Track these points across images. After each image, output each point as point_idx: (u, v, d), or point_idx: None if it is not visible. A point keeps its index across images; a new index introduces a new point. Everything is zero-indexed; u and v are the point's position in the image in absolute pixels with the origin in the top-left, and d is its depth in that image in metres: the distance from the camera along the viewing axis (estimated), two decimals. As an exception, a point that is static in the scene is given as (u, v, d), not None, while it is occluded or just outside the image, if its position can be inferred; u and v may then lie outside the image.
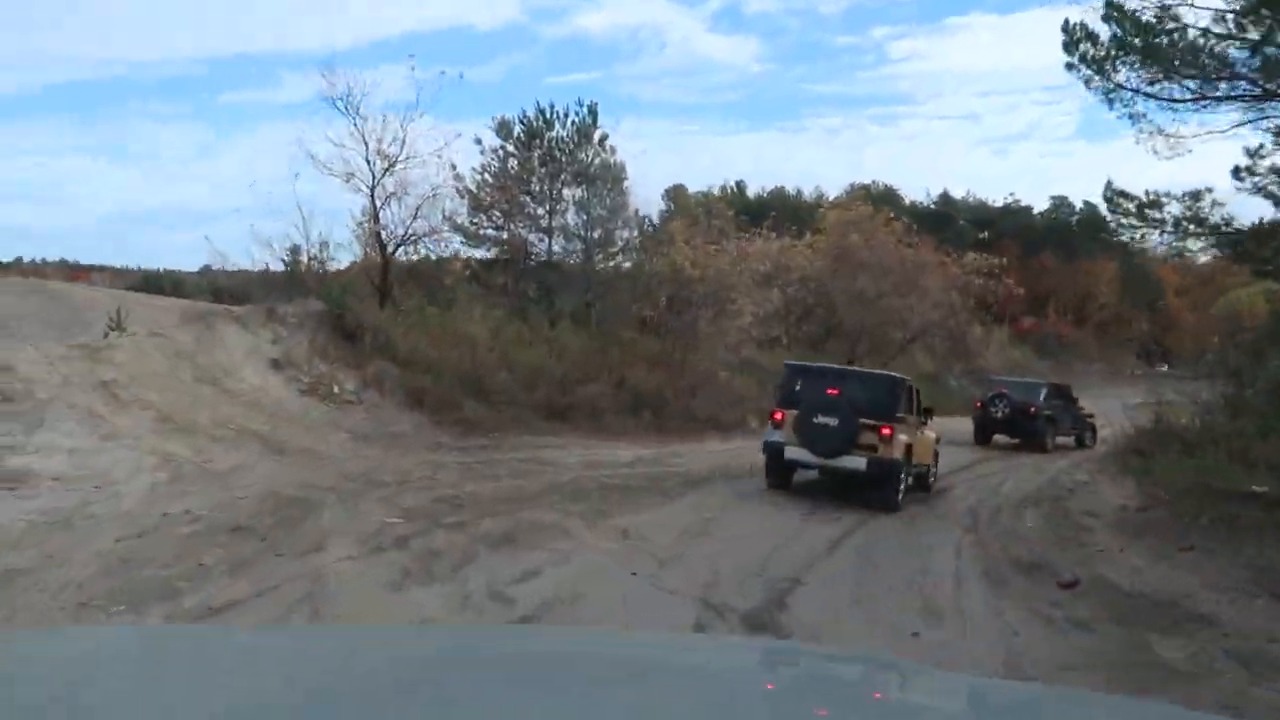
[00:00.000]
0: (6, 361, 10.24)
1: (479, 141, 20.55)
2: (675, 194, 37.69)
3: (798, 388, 10.93)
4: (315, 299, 14.28)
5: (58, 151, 54.96)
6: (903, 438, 10.56)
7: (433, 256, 17.08)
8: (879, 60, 65.63)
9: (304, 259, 15.60)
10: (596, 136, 21.23)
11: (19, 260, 34.89)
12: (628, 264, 21.55)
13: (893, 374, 12.10)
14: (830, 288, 30.51)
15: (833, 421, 10.20)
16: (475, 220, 20.02)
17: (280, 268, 15.79)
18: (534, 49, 54.06)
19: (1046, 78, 76.13)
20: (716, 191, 41.13)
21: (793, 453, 10.53)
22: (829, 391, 10.61)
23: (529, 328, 16.85)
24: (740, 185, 50.51)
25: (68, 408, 9.69)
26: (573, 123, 21.13)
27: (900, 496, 10.60)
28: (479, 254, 20.70)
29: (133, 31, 57.12)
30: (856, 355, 33.55)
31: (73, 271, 38.07)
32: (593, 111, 21.30)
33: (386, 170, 15.67)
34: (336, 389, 12.92)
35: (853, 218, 32.50)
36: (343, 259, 16.72)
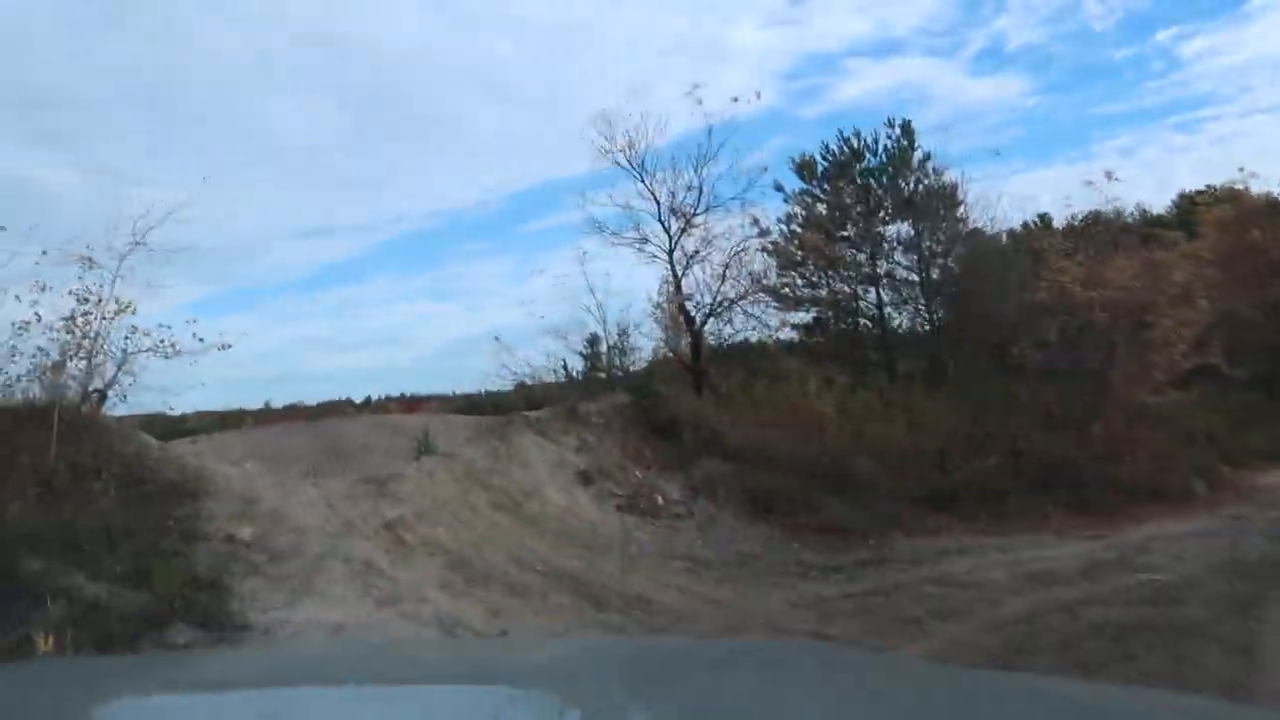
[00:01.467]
0: (281, 508, 8.50)
1: (780, 188, 17.70)
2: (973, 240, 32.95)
3: None
4: (621, 391, 11.83)
5: (394, 300, 61.56)
6: None
7: (750, 326, 14.19)
8: (1169, 66, 55.87)
9: (603, 348, 13.37)
10: (916, 159, 17.65)
11: (368, 400, 38.24)
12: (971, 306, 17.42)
13: None
14: (1233, 302, 23.89)
15: None
16: (786, 278, 17.00)
17: (579, 363, 13.69)
18: (798, 130, 51.88)
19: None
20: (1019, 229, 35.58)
21: None
22: None
23: (878, 397, 13.30)
24: (1045, 218, 44.04)
25: (343, 563, 7.63)
26: (885, 149, 17.73)
27: None
28: (796, 317, 17.62)
29: (448, 186, 63.41)
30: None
31: (409, 404, 40.37)
32: (907, 131, 17.78)
33: (683, 229, 13.13)
34: (660, 499, 10.16)
35: (1243, 212, 25.84)
36: (644, 346, 14.34)
